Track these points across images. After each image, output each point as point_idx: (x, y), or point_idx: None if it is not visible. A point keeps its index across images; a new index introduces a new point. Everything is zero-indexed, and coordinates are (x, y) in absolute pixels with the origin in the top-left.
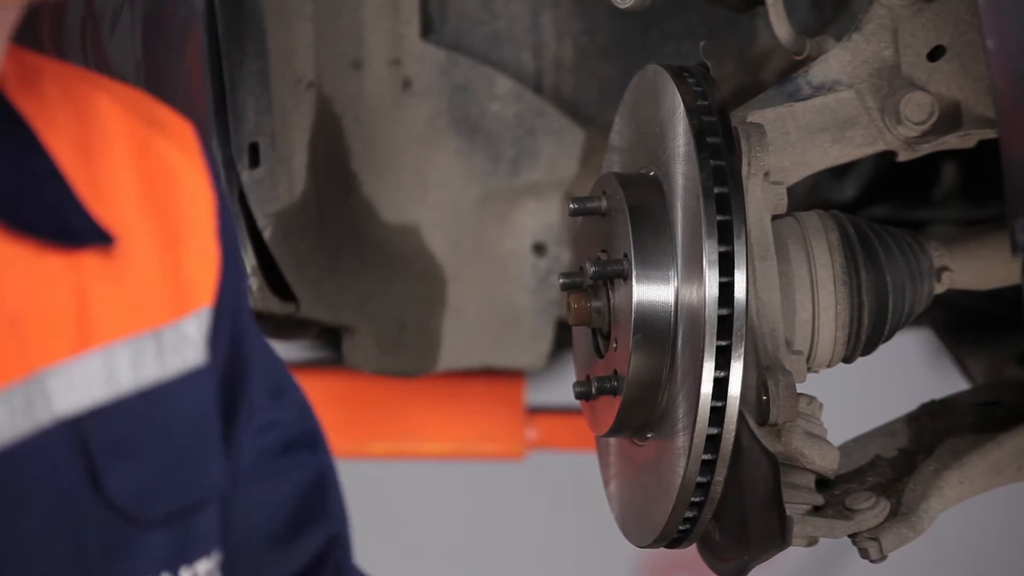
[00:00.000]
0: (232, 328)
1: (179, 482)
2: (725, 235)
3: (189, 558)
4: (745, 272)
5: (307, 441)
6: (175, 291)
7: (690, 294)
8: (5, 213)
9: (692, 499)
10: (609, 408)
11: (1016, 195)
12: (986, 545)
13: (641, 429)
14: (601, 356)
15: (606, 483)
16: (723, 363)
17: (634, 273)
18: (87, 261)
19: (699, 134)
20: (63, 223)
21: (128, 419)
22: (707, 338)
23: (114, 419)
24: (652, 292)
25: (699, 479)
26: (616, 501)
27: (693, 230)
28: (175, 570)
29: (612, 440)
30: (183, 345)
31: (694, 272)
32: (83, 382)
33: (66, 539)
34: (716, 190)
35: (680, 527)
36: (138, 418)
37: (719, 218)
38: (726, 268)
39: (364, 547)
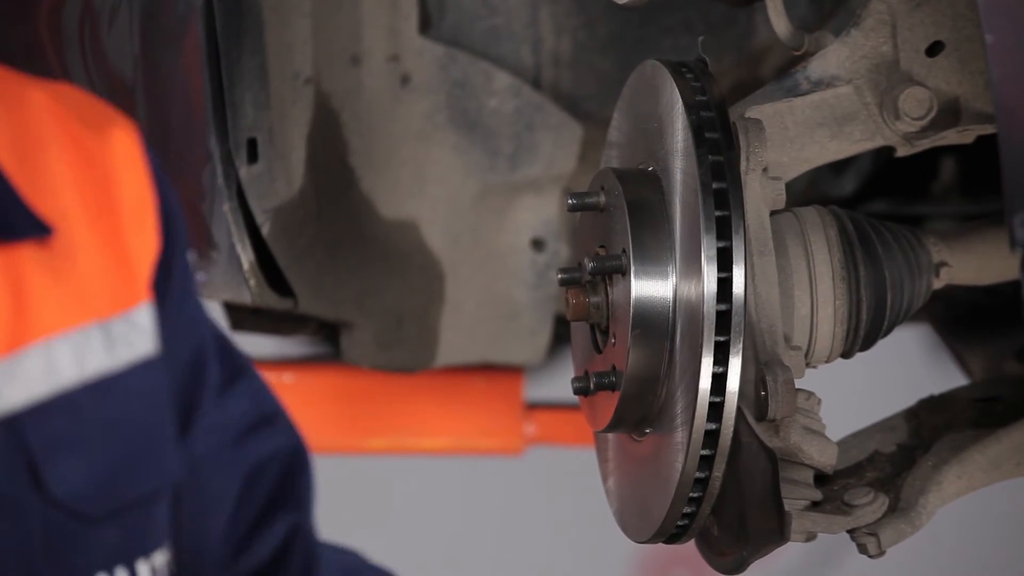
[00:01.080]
0: (182, 317)
1: (131, 475)
2: (723, 231)
3: (145, 551)
4: (744, 268)
5: (266, 423)
6: (123, 282)
7: (688, 290)
8: None
9: (690, 494)
10: (607, 404)
11: (1014, 190)
12: (982, 541)
13: (639, 424)
14: (599, 352)
15: (604, 478)
16: (721, 358)
17: (632, 269)
18: (24, 254)
19: (697, 129)
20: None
21: (71, 413)
22: (705, 334)
23: (55, 414)
24: (650, 288)
25: (697, 474)
26: (614, 496)
27: (692, 226)
28: (131, 563)
29: (610, 436)
30: (134, 335)
31: (693, 268)
32: (20, 378)
33: (7, 538)
34: (715, 186)
35: (678, 522)
36: (82, 412)
37: (717, 214)
38: (724, 264)
39: (363, 542)
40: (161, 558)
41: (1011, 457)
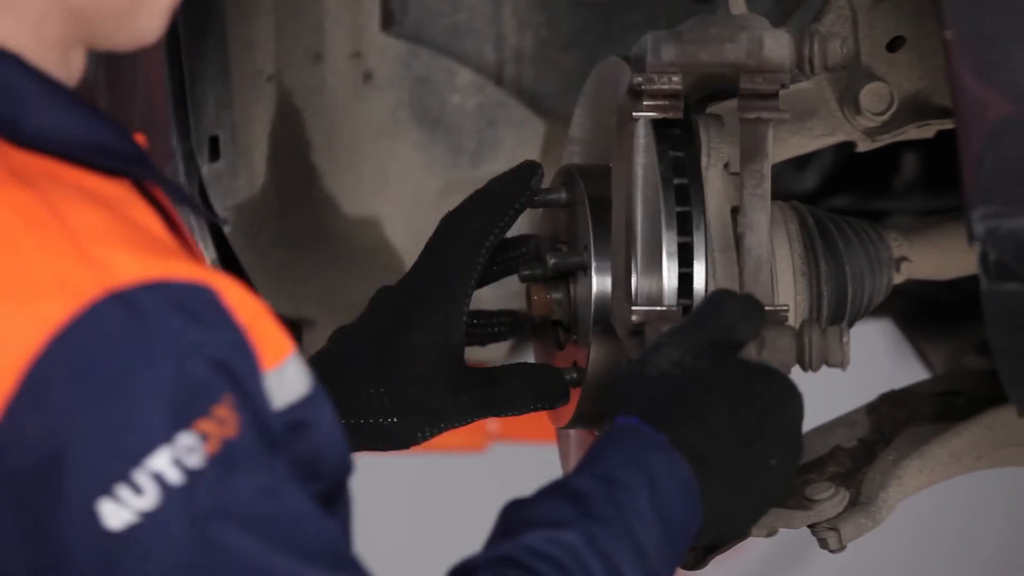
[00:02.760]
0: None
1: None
2: (684, 226)
3: None
4: (705, 263)
5: None
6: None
7: (650, 285)
8: None
9: None
10: (569, 401)
11: (972, 185)
12: (944, 535)
13: (601, 421)
14: (561, 348)
15: (566, 472)
16: None
17: (594, 265)
18: None
19: (658, 125)
20: None
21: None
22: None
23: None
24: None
25: None
26: None
27: (652, 221)
28: None
29: (572, 432)
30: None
31: (654, 263)
32: (282, 388)
33: None
34: (675, 181)
35: None
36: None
37: (678, 209)
38: (685, 259)
39: None
40: None
41: (971, 451)
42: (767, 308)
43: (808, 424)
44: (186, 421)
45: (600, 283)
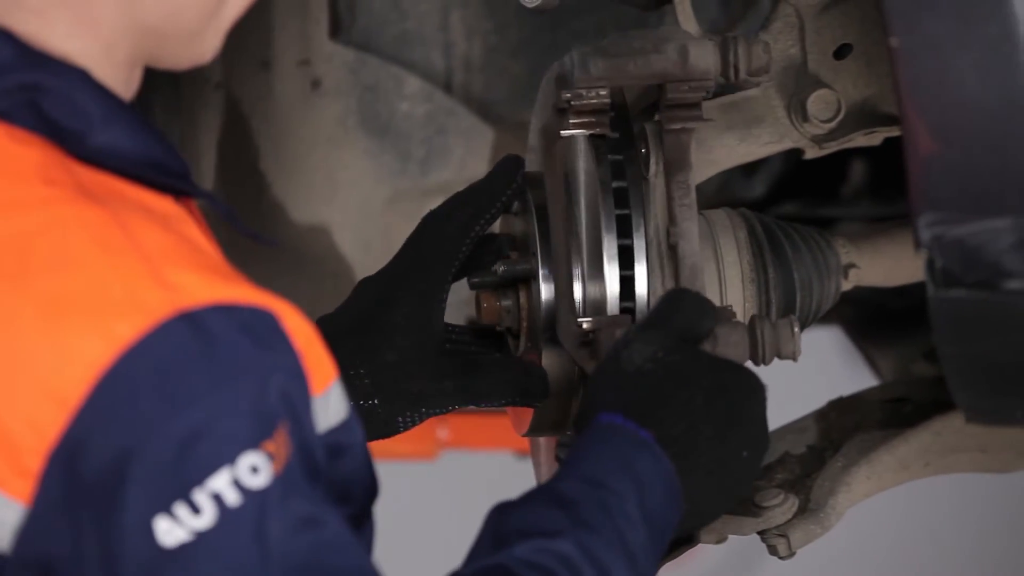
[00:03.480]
0: None
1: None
2: (624, 229)
3: None
4: (646, 265)
5: None
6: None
7: (594, 290)
8: None
9: None
10: (526, 408)
11: (919, 192)
12: (893, 542)
13: (560, 426)
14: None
15: (538, 478)
16: None
17: (541, 273)
18: None
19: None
20: None
21: None
22: None
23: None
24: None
25: None
26: None
27: (594, 226)
28: None
29: (543, 439)
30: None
31: (596, 268)
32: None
33: None
34: (614, 184)
35: None
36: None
37: (618, 212)
38: (626, 262)
39: None
40: None
41: (919, 458)
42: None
43: None
44: (247, 444)
45: (548, 290)
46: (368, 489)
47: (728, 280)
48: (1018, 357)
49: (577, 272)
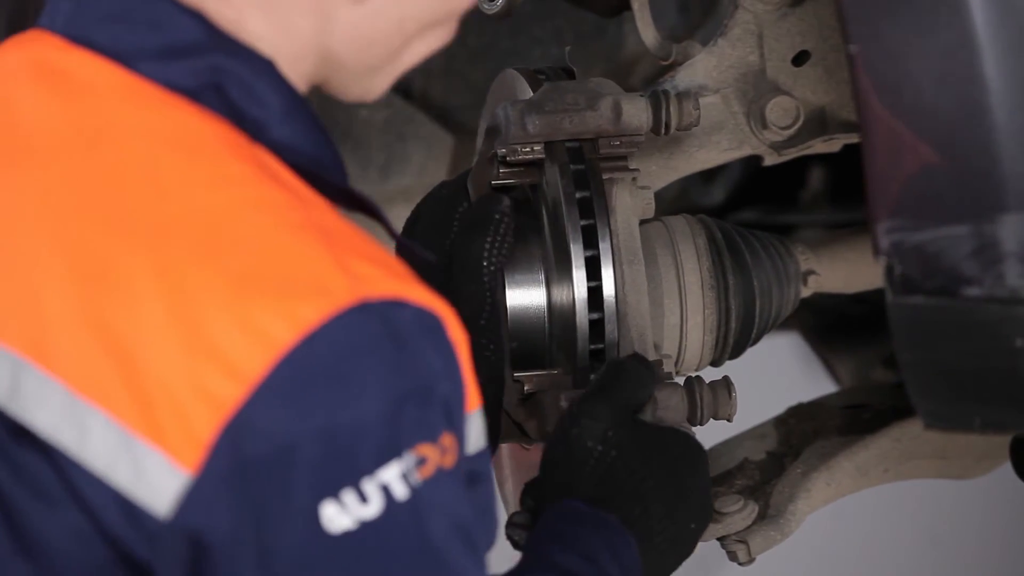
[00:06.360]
0: None
1: None
2: (590, 239)
3: None
4: (613, 274)
5: None
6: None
7: (560, 299)
8: None
9: None
10: None
11: (878, 199)
12: (851, 549)
13: (526, 433)
14: None
15: (500, 484)
16: (598, 367)
17: (505, 280)
18: None
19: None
20: None
21: None
22: (579, 343)
23: None
24: (524, 297)
25: None
26: (510, 502)
27: (559, 235)
28: None
29: (505, 449)
30: None
31: (564, 277)
32: None
33: None
34: (578, 195)
35: None
36: None
37: (583, 222)
38: (593, 272)
39: None
40: None
41: (878, 464)
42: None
43: (718, 437)
44: (417, 440)
45: (513, 296)
46: (489, 532)
47: (688, 287)
48: (976, 363)
49: (544, 280)
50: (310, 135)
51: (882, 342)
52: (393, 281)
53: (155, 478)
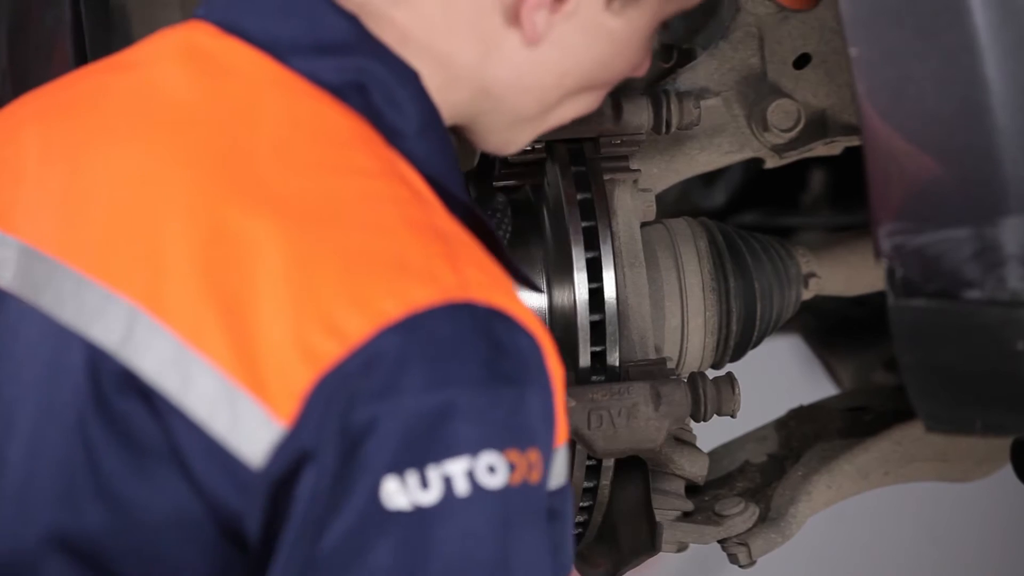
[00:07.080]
0: None
1: None
2: (591, 241)
3: None
4: (614, 276)
5: None
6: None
7: (562, 300)
8: None
9: (581, 503)
10: None
11: (879, 202)
12: (853, 551)
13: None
14: None
15: None
16: (599, 368)
17: None
18: None
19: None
20: None
21: None
22: (581, 345)
23: None
24: (525, 298)
25: (586, 484)
26: None
27: (561, 237)
28: None
29: None
30: None
31: (565, 278)
32: None
33: None
34: (579, 196)
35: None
36: None
37: (584, 224)
38: (594, 274)
39: None
40: None
41: (879, 467)
42: (654, 360)
43: (719, 439)
44: (492, 444)
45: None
46: (559, 571)
47: (689, 289)
48: (977, 366)
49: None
50: (440, 151)
51: (883, 345)
52: (501, 295)
53: (252, 428)
